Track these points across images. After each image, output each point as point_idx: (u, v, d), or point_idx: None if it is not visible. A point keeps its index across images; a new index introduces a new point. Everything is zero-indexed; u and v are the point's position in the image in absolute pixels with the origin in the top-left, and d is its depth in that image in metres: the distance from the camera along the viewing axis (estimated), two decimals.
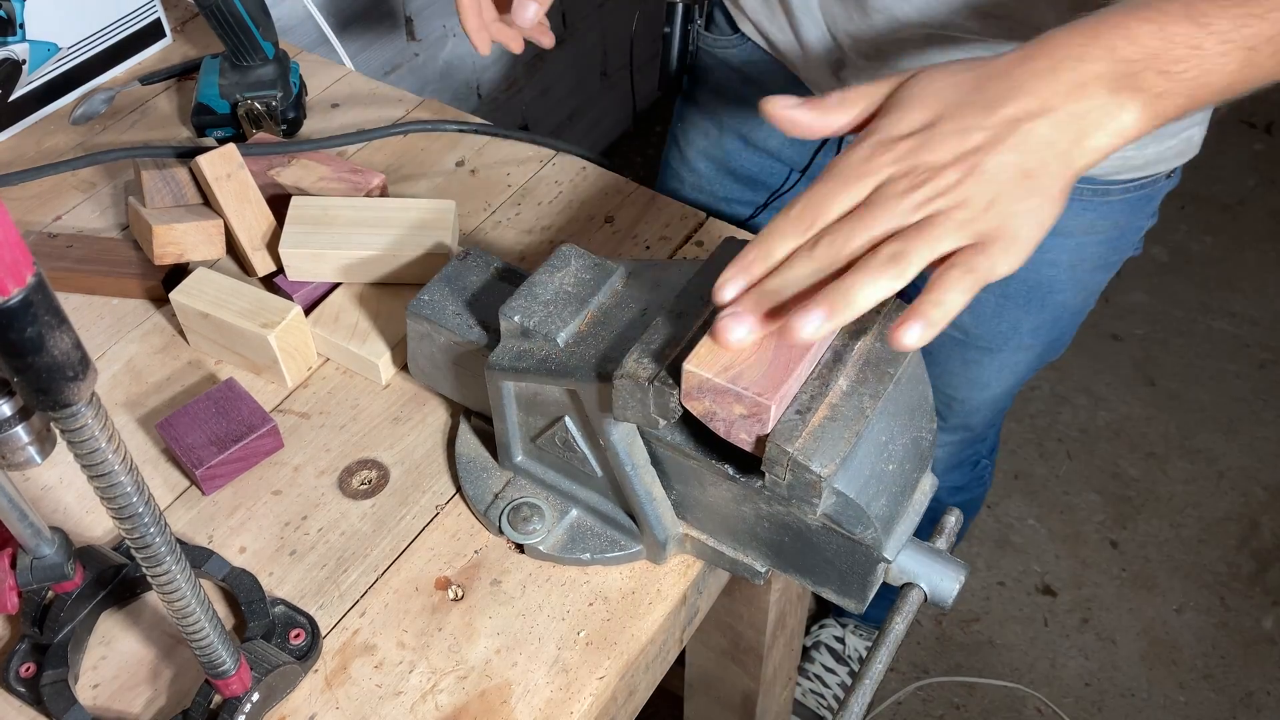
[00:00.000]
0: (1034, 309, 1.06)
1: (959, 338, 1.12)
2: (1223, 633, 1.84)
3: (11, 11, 0.95)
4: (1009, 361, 1.14)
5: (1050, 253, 0.99)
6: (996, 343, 1.11)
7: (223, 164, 0.86)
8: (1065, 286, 1.04)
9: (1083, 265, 1.03)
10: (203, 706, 0.63)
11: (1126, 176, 0.95)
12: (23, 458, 0.77)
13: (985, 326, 1.10)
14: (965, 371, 1.16)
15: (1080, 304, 1.09)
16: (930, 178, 0.54)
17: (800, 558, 0.66)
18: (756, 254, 0.56)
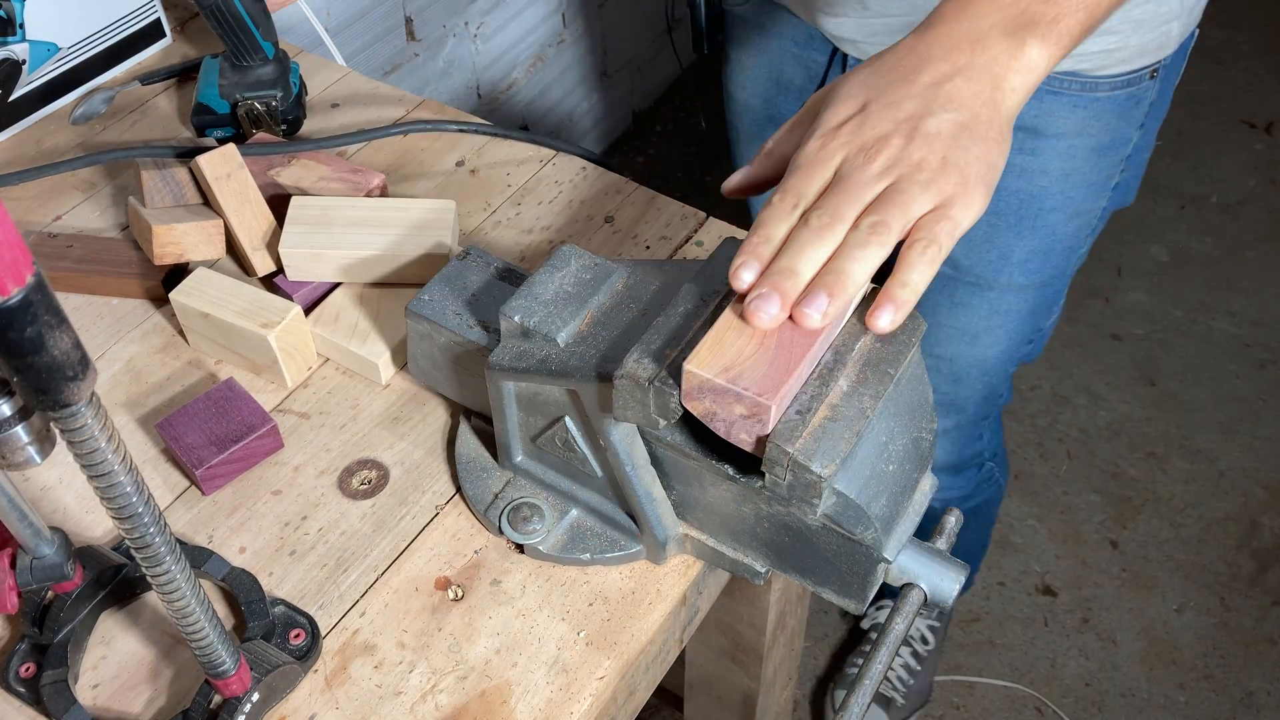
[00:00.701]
0: (1025, 229, 1.07)
1: (947, 273, 1.11)
2: (1223, 633, 1.84)
3: (11, 11, 0.95)
4: (999, 305, 1.13)
5: (1041, 157, 1.02)
6: (987, 275, 1.10)
7: (223, 164, 0.86)
8: (1057, 203, 1.05)
9: (1074, 176, 1.04)
10: (203, 706, 0.63)
11: (1113, 71, 0.98)
12: (22, 458, 0.77)
13: (974, 255, 1.09)
14: (953, 318, 1.15)
15: (1071, 235, 1.09)
16: (881, 147, 0.59)
17: (800, 558, 0.66)
18: (758, 239, 0.59)
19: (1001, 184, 1.03)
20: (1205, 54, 2.67)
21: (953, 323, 1.16)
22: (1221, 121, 2.60)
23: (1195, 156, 2.50)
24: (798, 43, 1.11)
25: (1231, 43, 2.77)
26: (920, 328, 0.62)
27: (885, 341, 0.61)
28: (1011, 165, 1.02)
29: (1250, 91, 2.67)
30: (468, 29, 1.96)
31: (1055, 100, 0.99)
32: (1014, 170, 1.02)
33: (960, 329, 1.16)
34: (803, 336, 0.58)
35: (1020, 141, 1.01)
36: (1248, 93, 2.67)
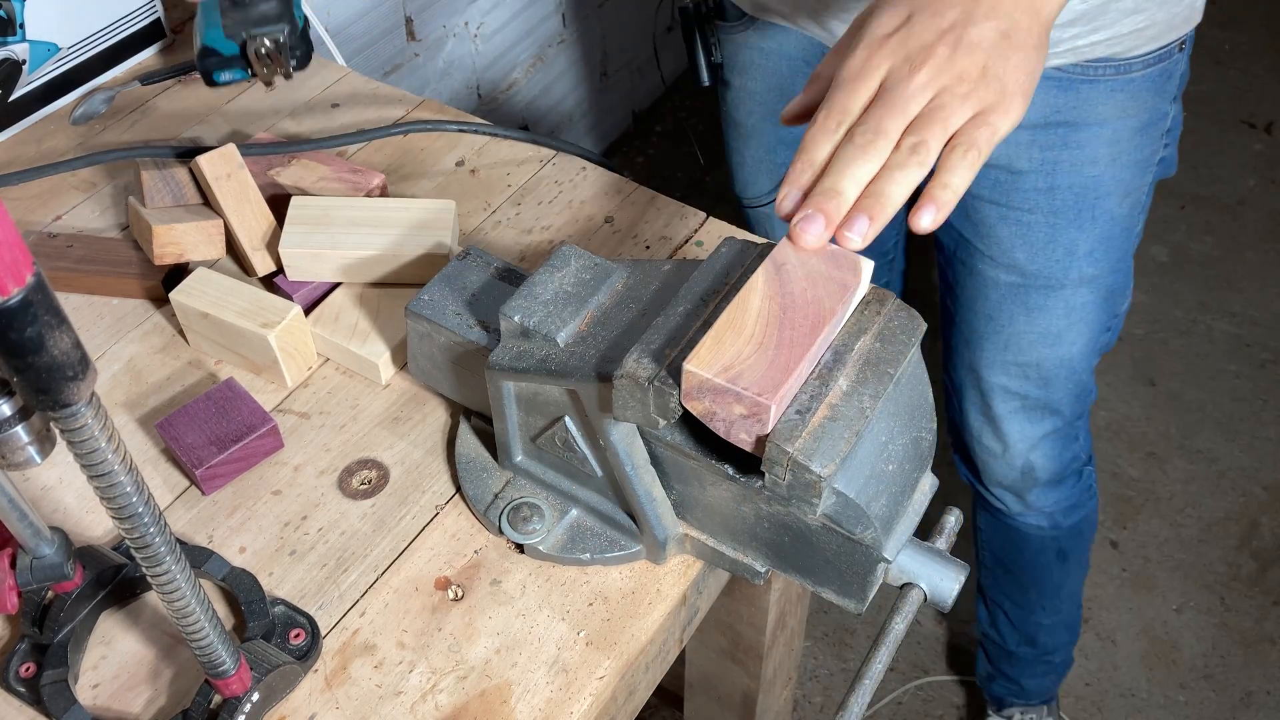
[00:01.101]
0: (1085, 221, 1.07)
1: (1017, 281, 1.12)
2: (1223, 633, 1.84)
3: (11, 11, 0.95)
4: (1074, 302, 1.13)
5: (1090, 147, 1.03)
6: (1056, 275, 1.10)
7: (223, 164, 0.86)
8: (1110, 188, 1.06)
9: (1121, 159, 1.04)
10: (203, 706, 0.63)
11: (1144, 50, 0.99)
12: (23, 458, 0.77)
13: (1041, 258, 1.10)
14: (1031, 323, 1.15)
15: (1127, 216, 1.10)
16: (926, 57, 0.60)
17: (800, 558, 0.66)
18: (801, 165, 0.61)
19: (1054, 182, 1.03)
20: (1205, 54, 2.67)
21: (1031, 328, 1.15)
22: (1221, 121, 2.60)
23: (1195, 156, 2.50)
24: (810, 61, 1.10)
25: (1231, 43, 2.77)
26: (920, 328, 0.62)
27: (885, 341, 0.61)
28: (1060, 161, 1.03)
29: (1250, 91, 2.67)
30: (468, 29, 1.96)
31: (1092, 88, 1.00)
32: (1064, 166, 1.03)
33: (1041, 333, 1.16)
34: (802, 336, 0.58)
35: (1065, 136, 1.02)
36: (1248, 93, 2.67)
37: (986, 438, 1.29)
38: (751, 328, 0.58)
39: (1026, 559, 1.46)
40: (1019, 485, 1.32)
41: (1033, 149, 1.03)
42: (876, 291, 0.63)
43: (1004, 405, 1.24)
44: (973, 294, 1.17)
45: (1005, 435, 1.27)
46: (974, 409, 1.28)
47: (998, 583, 1.54)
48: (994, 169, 1.05)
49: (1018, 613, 1.56)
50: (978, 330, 1.19)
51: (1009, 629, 1.59)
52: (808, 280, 0.60)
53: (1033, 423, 1.25)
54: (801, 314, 0.59)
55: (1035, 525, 1.38)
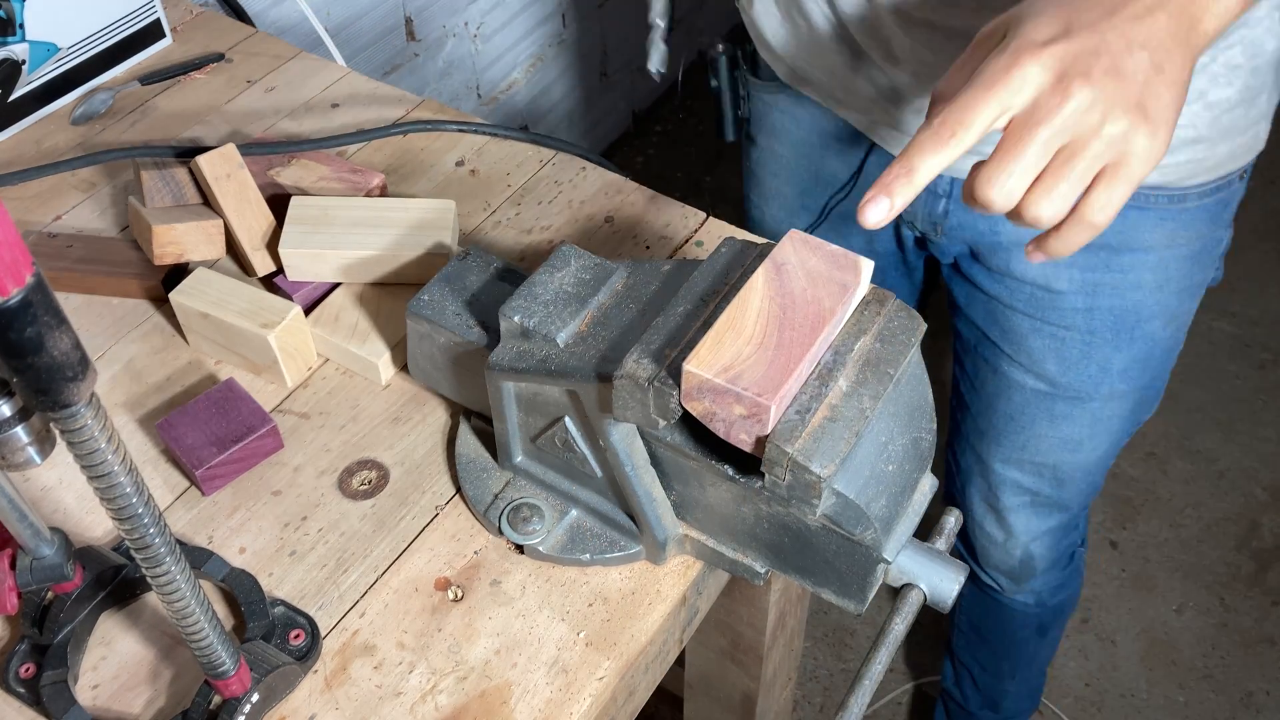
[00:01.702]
0: (1123, 343, 1.02)
1: (1044, 390, 1.07)
2: (1223, 633, 1.84)
3: (11, 11, 0.95)
4: (1101, 414, 1.08)
5: (1134, 272, 0.98)
6: (1086, 389, 1.06)
7: (223, 164, 0.86)
8: (1153, 312, 1.01)
9: (1169, 286, 1.00)
10: (202, 707, 0.63)
11: (1201, 180, 0.94)
12: (22, 458, 0.77)
13: (1073, 372, 1.05)
14: (1054, 430, 1.10)
15: (1170, 338, 1.05)
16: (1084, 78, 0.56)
17: (800, 558, 0.66)
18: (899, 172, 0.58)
19: (1094, 303, 0.99)
20: None
21: (1054, 434, 1.11)
22: None
23: None
24: (840, 137, 1.06)
25: None
26: (919, 328, 0.62)
27: (885, 341, 0.61)
28: (1102, 284, 0.98)
29: None
30: (468, 29, 1.96)
31: (1141, 215, 0.95)
32: (1106, 289, 0.99)
33: (1062, 439, 1.11)
34: (802, 336, 0.58)
35: (1107, 260, 0.97)
36: None
37: (989, 525, 1.26)
38: (751, 328, 0.58)
39: (1005, 631, 1.43)
40: (1016, 572, 1.30)
41: (1073, 269, 0.98)
42: (876, 292, 0.63)
43: (1013, 499, 1.20)
44: (994, 392, 1.13)
45: (1010, 526, 1.23)
46: (978, 495, 1.24)
47: (969, 646, 1.52)
48: (1029, 285, 1.01)
49: (985, 678, 1.54)
50: (995, 426, 1.15)
51: (973, 691, 1.58)
52: (808, 280, 0.60)
53: (1039, 518, 1.21)
54: (801, 314, 0.59)
55: (1021, 603, 1.35)
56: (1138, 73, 0.57)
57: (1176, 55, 0.58)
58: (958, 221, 1.01)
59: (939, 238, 1.04)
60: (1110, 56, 0.57)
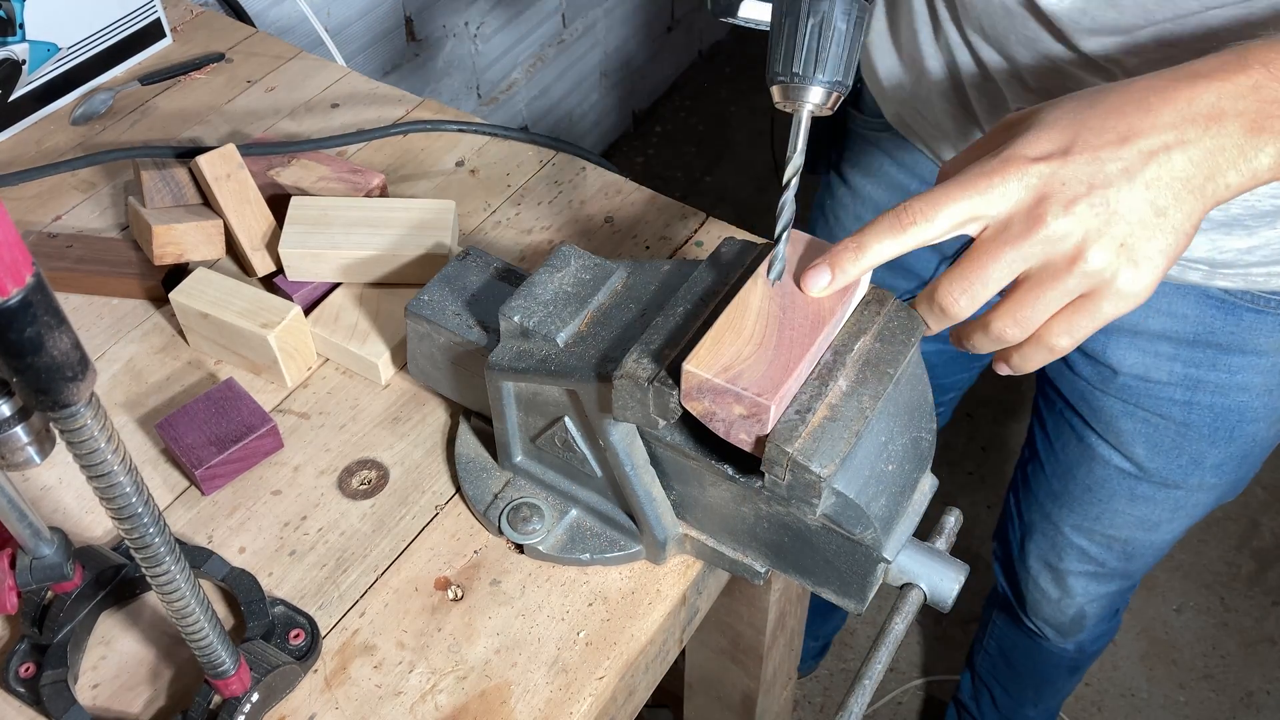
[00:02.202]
0: (1221, 441, 0.97)
1: (1130, 471, 1.02)
2: (1223, 633, 1.84)
3: (11, 11, 0.95)
4: (1186, 501, 1.03)
5: (1242, 374, 0.92)
6: (1176, 478, 1.01)
7: (222, 164, 0.86)
8: (1259, 415, 0.95)
9: (1277, 390, 0.94)
10: (202, 706, 0.63)
11: None
12: (22, 458, 0.77)
13: (1163, 460, 0.99)
14: (1133, 509, 1.06)
15: (1273, 438, 0.99)
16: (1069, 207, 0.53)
17: (800, 558, 0.66)
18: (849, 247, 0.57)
19: (1194, 398, 0.94)
20: None
21: (1133, 512, 1.06)
22: None
23: None
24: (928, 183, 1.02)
25: None
26: (919, 328, 0.62)
27: (884, 341, 0.61)
28: (1205, 381, 0.93)
29: None
30: (468, 29, 1.97)
31: (1258, 318, 0.89)
32: (1208, 386, 0.93)
33: (1140, 519, 1.07)
34: (802, 336, 0.58)
35: (1214, 358, 0.92)
36: None
37: (1044, 582, 1.22)
38: (751, 328, 0.58)
39: (1037, 668, 1.41)
40: (1065, 628, 1.27)
41: (1175, 363, 0.93)
42: (876, 292, 0.63)
43: (1077, 565, 1.17)
44: (1074, 460, 1.08)
45: (1068, 588, 1.20)
46: (1038, 553, 1.20)
47: (994, 670, 1.50)
48: (1124, 376, 0.96)
49: (1007, 701, 1.52)
50: (1071, 492, 1.11)
51: (991, 710, 1.56)
52: None
53: (1100, 583, 1.18)
54: (801, 314, 0.59)
55: (1060, 648, 1.33)
56: (1131, 211, 0.54)
57: (1186, 202, 0.55)
58: None
59: None
60: (1102, 189, 0.54)
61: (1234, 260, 0.84)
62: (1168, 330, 0.92)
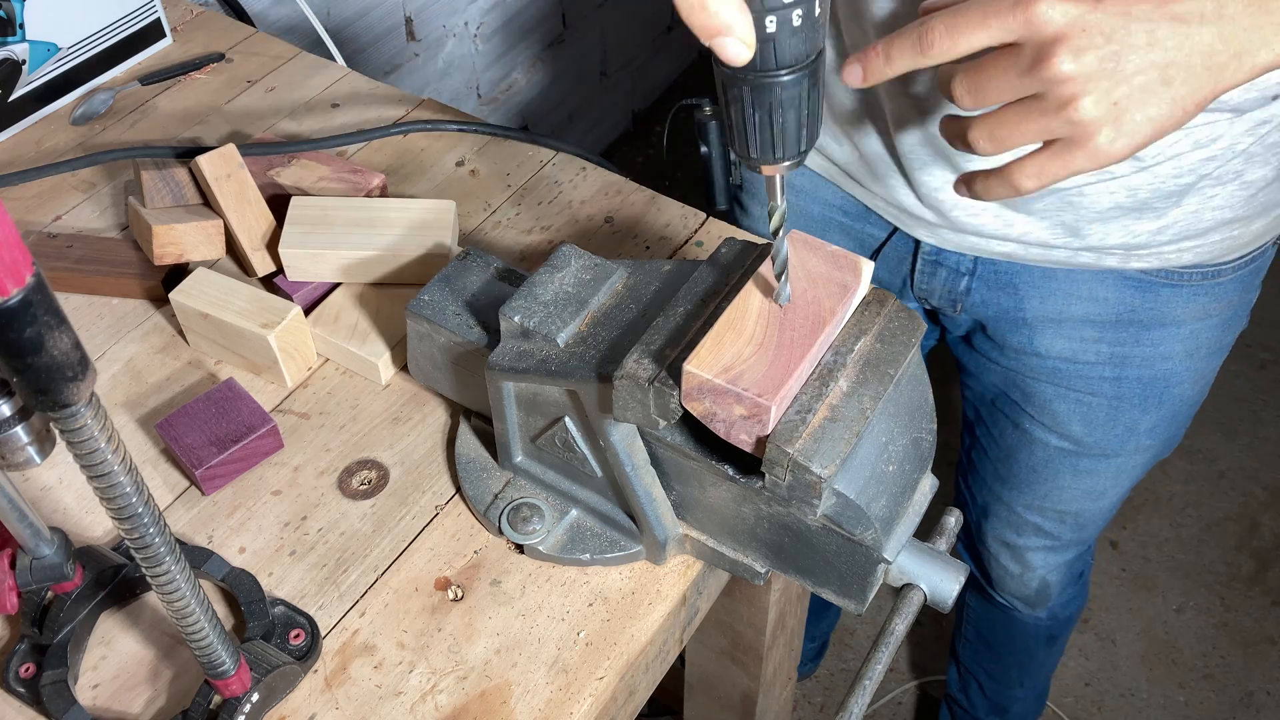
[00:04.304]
0: (1151, 408, 1.00)
1: (1069, 449, 1.05)
2: (1223, 633, 1.84)
3: (11, 11, 0.95)
4: (1126, 466, 1.07)
5: (1164, 345, 0.95)
6: (1113, 447, 1.04)
7: (223, 164, 0.86)
8: (1184, 378, 0.99)
9: (1199, 353, 0.98)
10: (202, 707, 0.63)
11: (1236, 255, 0.91)
12: (22, 458, 0.77)
13: (1099, 433, 1.03)
14: (1078, 483, 1.09)
15: (1197, 394, 1.03)
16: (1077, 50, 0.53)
17: (800, 558, 0.66)
18: (879, 55, 0.58)
19: (1122, 374, 0.97)
20: None
21: (1077, 485, 1.10)
22: None
23: None
24: (849, 213, 1.03)
25: None
26: (920, 329, 0.62)
27: (885, 342, 0.61)
28: (1131, 357, 0.96)
29: None
30: (468, 29, 1.97)
31: (1174, 293, 0.92)
32: (1135, 361, 0.97)
33: (1086, 490, 1.10)
34: (803, 337, 0.58)
35: (1136, 335, 0.95)
36: None
37: (1005, 559, 1.25)
38: (752, 328, 0.58)
39: (1015, 643, 1.43)
40: (1032, 599, 1.30)
41: (1100, 345, 0.96)
42: (876, 292, 0.63)
43: (1032, 540, 1.19)
44: (1014, 445, 1.11)
45: (1027, 562, 1.23)
46: (993, 533, 1.23)
47: (976, 656, 1.52)
48: (1052, 359, 0.99)
49: (993, 685, 1.54)
50: (1016, 475, 1.14)
51: (980, 698, 1.58)
52: (808, 281, 0.60)
53: (1057, 554, 1.21)
54: (802, 315, 0.59)
55: (1033, 617, 1.35)
56: (1137, 74, 0.54)
57: (1199, 78, 0.54)
58: (980, 299, 0.98)
59: (956, 313, 1.02)
60: (1118, 45, 0.53)
61: (1147, 242, 0.88)
62: (1090, 315, 0.95)
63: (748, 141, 0.51)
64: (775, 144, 0.51)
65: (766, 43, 0.47)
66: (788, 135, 0.51)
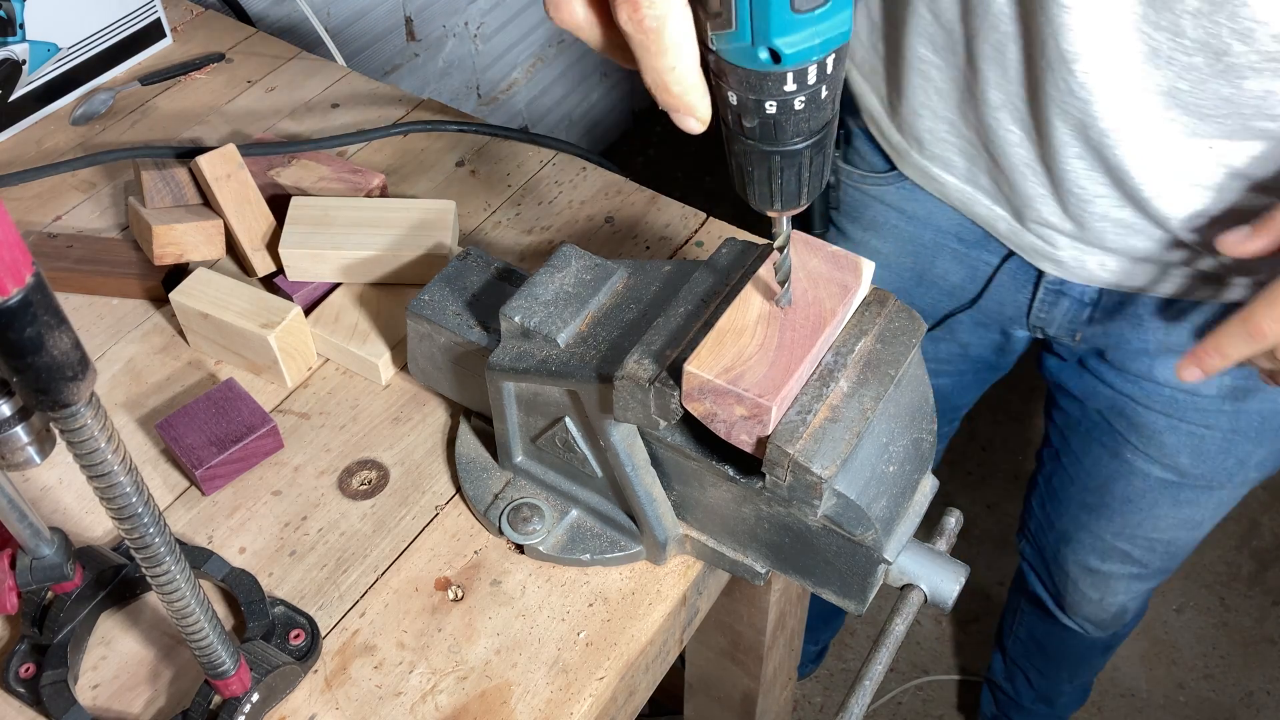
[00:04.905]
0: (1266, 440, 1.00)
1: (1172, 480, 1.04)
2: (1223, 633, 1.84)
3: (11, 11, 0.95)
4: (1228, 498, 1.06)
5: None
6: (1219, 479, 1.03)
7: (223, 164, 0.86)
8: None
9: None
10: (202, 707, 0.63)
11: None
12: (22, 458, 0.77)
13: (1207, 465, 1.02)
14: (1176, 512, 1.08)
15: None
16: None
17: (800, 559, 0.66)
18: (1213, 355, 0.68)
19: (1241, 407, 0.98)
20: None
21: (1176, 515, 1.08)
22: None
23: None
24: (964, 239, 1.01)
25: None
26: (920, 329, 0.62)
27: (886, 343, 0.61)
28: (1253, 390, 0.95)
29: None
30: (468, 29, 1.96)
31: None
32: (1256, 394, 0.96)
33: (1183, 520, 1.09)
34: (803, 337, 0.58)
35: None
36: None
37: (1085, 586, 1.23)
38: (752, 329, 0.58)
39: (1070, 652, 1.41)
40: (1106, 623, 1.28)
41: (1223, 377, 0.95)
42: (877, 293, 0.63)
43: (1119, 568, 1.18)
44: (1111, 475, 1.09)
45: (1111, 589, 1.21)
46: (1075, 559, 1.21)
47: (1027, 654, 1.50)
48: (1169, 390, 0.98)
49: (1041, 681, 1.53)
50: (1109, 505, 1.12)
51: (1026, 689, 1.56)
52: (809, 281, 0.60)
53: (1143, 581, 1.20)
54: (802, 315, 0.59)
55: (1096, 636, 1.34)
56: None
57: None
58: (1102, 329, 0.98)
59: (1075, 343, 1.01)
60: None
61: None
62: None
63: (746, 190, 0.52)
64: (775, 198, 0.51)
65: (766, 122, 0.47)
66: (787, 192, 0.51)
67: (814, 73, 0.44)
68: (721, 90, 0.47)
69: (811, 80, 0.45)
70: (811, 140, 0.48)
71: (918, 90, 0.91)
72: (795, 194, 0.51)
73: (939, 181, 0.97)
